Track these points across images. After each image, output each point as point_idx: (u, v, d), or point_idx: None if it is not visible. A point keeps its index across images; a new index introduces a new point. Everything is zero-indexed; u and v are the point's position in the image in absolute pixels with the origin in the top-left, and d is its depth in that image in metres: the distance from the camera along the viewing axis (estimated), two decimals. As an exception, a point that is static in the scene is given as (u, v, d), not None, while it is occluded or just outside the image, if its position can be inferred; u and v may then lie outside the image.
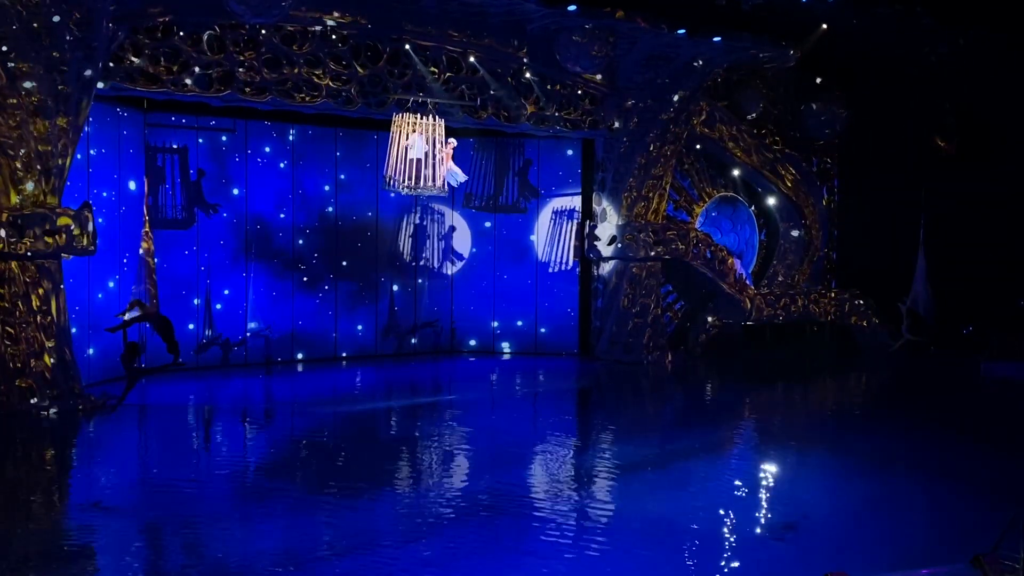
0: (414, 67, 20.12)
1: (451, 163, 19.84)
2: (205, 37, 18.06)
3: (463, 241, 24.77)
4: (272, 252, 22.15)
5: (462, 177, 20.53)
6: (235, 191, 21.58)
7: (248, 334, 21.81)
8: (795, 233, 26.25)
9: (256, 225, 21.89)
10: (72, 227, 16.22)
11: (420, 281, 24.32)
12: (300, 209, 22.48)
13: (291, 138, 22.23)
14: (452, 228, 24.66)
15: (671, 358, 23.59)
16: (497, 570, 8.94)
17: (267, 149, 21.98)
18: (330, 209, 22.86)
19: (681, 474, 12.67)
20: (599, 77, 22.37)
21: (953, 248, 24.13)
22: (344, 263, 23.14)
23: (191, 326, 20.93)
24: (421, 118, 19.18)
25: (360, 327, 23.50)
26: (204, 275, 21.22)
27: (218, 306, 21.43)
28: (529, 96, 21.75)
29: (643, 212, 23.23)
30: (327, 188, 22.84)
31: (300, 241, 22.48)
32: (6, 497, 11.59)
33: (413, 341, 24.23)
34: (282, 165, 22.20)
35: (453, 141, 19.87)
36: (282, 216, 22.23)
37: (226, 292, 21.56)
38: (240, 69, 18.41)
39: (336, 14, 19.03)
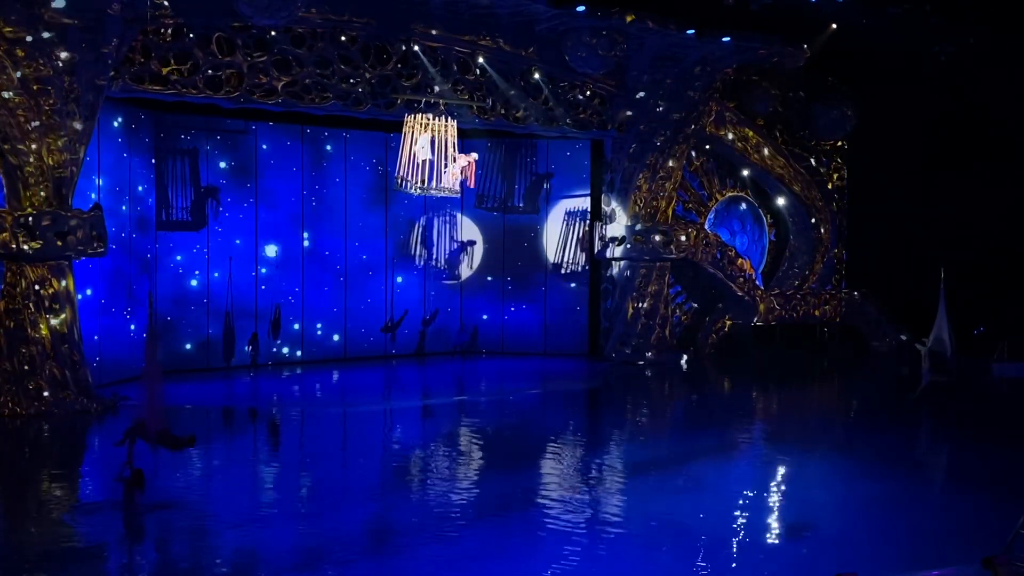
0: (423, 68, 20.15)
1: (461, 172, 19.57)
2: (215, 39, 18.10)
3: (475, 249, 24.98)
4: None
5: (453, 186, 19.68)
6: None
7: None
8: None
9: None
10: (83, 229, 16.25)
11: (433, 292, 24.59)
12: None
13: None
14: (461, 237, 24.85)
15: (679, 358, 23.57)
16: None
17: None
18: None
19: (692, 475, 12.66)
20: (608, 77, 22.37)
21: (963, 249, 23.98)
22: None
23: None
24: (433, 119, 19.11)
25: None
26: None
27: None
28: (538, 96, 21.77)
29: (652, 213, 23.21)
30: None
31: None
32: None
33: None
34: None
35: (475, 155, 19.74)
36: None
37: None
38: (249, 71, 18.45)
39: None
